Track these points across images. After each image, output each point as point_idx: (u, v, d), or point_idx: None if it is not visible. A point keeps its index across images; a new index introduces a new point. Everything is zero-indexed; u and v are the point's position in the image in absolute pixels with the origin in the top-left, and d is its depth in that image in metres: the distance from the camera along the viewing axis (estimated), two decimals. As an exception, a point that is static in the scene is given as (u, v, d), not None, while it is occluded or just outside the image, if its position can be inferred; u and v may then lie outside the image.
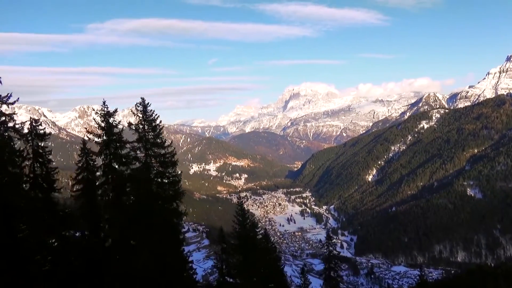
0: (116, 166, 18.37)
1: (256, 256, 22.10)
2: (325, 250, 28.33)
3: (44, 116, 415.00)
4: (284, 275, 30.79)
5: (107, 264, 17.16)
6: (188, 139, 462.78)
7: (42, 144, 16.34)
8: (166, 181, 20.00)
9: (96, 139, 18.20)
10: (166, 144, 20.11)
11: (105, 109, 17.93)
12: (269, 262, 23.99)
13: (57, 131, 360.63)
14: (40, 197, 16.00)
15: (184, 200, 22.41)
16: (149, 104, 19.35)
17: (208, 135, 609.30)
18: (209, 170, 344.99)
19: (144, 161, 19.51)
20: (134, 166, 19.13)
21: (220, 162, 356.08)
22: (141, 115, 19.24)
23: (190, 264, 21.86)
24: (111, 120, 18.06)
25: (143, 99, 19.22)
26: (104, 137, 18.12)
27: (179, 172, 20.68)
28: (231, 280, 22.85)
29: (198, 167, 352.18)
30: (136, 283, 17.02)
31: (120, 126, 18.92)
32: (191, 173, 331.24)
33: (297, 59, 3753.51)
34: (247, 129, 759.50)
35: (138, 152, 19.53)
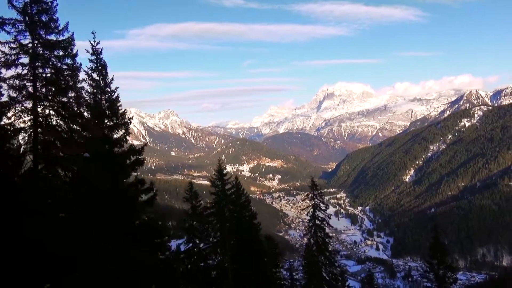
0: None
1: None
2: (308, 202, 23.97)
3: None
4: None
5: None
6: (222, 141, 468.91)
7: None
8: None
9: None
10: (61, 26, 12.89)
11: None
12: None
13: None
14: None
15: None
16: None
17: (242, 137, 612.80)
18: (243, 170, 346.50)
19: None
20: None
21: (253, 163, 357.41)
22: None
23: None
24: None
25: None
26: None
27: (79, 64, 13.58)
28: None
29: (232, 168, 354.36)
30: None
31: (156, 128, 16.10)
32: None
33: (332, 59, 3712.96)
34: (281, 130, 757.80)
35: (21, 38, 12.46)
